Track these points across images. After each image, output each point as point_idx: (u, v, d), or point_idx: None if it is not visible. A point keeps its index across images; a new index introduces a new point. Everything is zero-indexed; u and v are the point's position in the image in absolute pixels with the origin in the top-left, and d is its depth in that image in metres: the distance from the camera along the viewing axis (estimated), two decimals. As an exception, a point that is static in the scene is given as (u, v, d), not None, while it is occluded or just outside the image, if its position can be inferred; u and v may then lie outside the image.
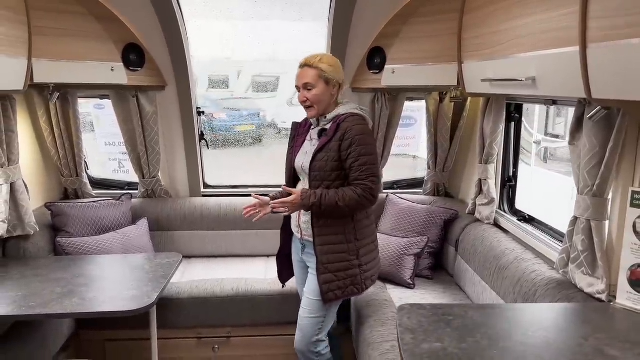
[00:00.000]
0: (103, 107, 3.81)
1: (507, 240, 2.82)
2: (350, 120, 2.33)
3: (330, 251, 2.37)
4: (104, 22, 2.98)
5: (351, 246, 2.39)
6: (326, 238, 2.37)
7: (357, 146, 2.28)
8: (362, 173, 2.29)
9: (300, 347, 2.50)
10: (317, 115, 2.42)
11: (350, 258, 2.40)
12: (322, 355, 2.52)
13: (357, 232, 2.41)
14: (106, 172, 4.05)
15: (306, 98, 2.37)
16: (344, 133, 2.30)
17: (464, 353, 1.40)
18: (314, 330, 2.46)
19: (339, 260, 2.38)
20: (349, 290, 2.41)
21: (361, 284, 2.44)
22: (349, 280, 2.40)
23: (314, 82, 2.35)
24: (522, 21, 2.01)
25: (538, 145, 5.75)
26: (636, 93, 1.44)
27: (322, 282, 2.38)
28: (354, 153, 2.28)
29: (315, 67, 2.35)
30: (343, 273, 2.39)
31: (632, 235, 1.71)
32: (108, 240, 3.19)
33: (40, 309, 2.25)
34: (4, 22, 2.46)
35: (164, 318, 2.91)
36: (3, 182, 2.79)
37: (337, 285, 2.38)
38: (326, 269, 2.37)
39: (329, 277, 2.37)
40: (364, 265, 2.43)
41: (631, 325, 1.62)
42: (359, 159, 2.28)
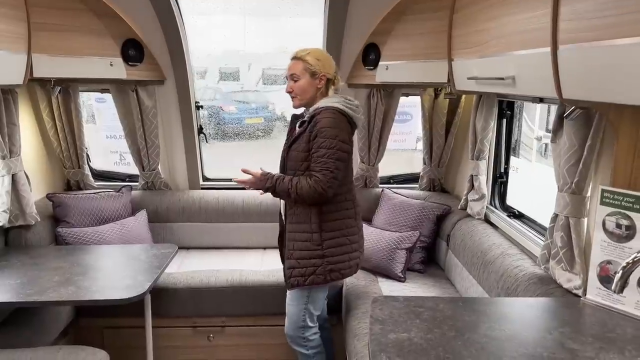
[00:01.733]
0: (104, 100, 3.89)
1: (496, 235, 2.86)
2: (322, 113, 2.38)
3: (295, 238, 2.49)
4: (103, 18, 3.04)
5: (315, 236, 2.45)
6: (294, 226, 2.49)
7: (319, 138, 2.35)
8: (316, 164, 2.36)
9: (288, 332, 2.64)
10: (299, 105, 2.52)
11: (313, 247, 2.46)
12: (310, 341, 2.62)
13: (323, 224, 2.46)
14: (108, 164, 4.13)
15: (292, 88, 2.47)
16: (313, 125, 2.37)
17: (428, 343, 1.46)
18: (299, 317, 2.58)
19: (302, 248, 2.47)
20: (310, 279, 2.47)
21: (324, 274, 2.47)
22: (311, 269, 2.47)
23: (299, 74, 2.44)
24: (502, 21, 2.04)
25: (539, 141, 5.73)
26: (602, 94, 1.47)
27: (286, 267, 2.53)
28: (316, 145, 2.36)
29: (302, 60, 2.44)
30: (305, 261, 2.47)
31: (601, 233, 1.74)
32: (107, 231, 3.28)
33: (37, 296, 2.34)
34: (3, 18, 2.54)
35: (160, 307, 3.00)
36: (5, 173, 2.89)
37: (299, 272, 2.47)
38: (291, 255, 2.50)
39: (292, 263, 2.49)
40: (328, 257, 2.47)
41: (596, 320, 1.66)
42: (318, 151, 2.35)
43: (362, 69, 3.45)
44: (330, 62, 2.51)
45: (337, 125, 2.37)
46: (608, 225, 1.73)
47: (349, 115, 2.43)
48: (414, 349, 1.43)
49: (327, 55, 2.53)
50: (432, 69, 2.93)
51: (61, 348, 2.32)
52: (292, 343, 2.66)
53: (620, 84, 1.38)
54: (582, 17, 1.49)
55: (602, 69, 1.44)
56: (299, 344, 2.64)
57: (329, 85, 2.51)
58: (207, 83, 5.99)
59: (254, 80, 6.81)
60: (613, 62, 1.39)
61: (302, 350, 2.65)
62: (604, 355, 1.41)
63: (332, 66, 2.50)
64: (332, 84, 2.51)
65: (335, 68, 2.53)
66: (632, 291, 1.66)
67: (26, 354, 2.23)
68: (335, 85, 2.53)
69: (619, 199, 1.69)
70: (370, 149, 3.68)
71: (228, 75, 6.62)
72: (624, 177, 1.71)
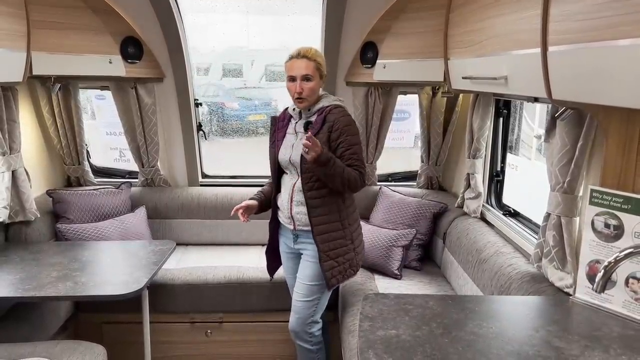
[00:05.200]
0: (104, 97, 3.93)
1: (491, 233, 2.88)
2: (336, 112, 2.41)
3: (330, 239, 2.46)
4: (102, 15, 3.07)
5: (347, 232, 2.50)
6: (324, 227, 2.45)
7: (347, 136, 2.37)
8: (355, 160, 2.38)
9: (295, 327, 2.60)
10: (308, 105, 2.45)
11: (347, 243, 2.50)
12: (315, 337, 2.62)
13: (349, 217, 2.53)
14: (108, 160, 4.16)
15: (302, 89, 2.38)
16: (331, 124, 2.37)
17: (415, 340, 1.48)
18: (308, 312, 2.56)
19: (339, 246, 2.48)
20: (347, 273, 2.53)
21: (356, 265, 2.57)
22: (347, 263, 2.51)
23: (312, 75, 2.39)
24: (495, 21, 2.06)
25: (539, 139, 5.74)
26: (591, 96, 1.49)
27: (325, 270, 2.45)
28: (345, 143, 2.37)
29: (313, 60, 2.39)
30: (342, 258, 2.49)
31: (590, 232, 1.76)
32: (106, 227, 3.31)
33: (36, 291, 2.37)
34: (3, 16, 2.57)
35: (158, 303, 3.03)
36: (5, 169, 2.92)
37: (338, 270, 2.49)
38: (328, 257, 2.45)
39: (331, 264, 2.46)
40: (357, 248, 2.56)
41: (584, 318, 1.68)
42: (350, 148, 2.38)
43: (360, 67, 3.46)
44: None
45: (354, 122, 2.46)
46: (597, 224, 1.75)
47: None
48: (401, 345, 1.45)
49: None
50: (429, 68, 2.95)
51: (59, 343, 2.34)
52: (297, 338, 2.63)
53: (608, 85, 1.40)
54: (571, 19, 1.50)
55: (591, 70, 1.45)
56: (303, 339, 2.62)
57: None
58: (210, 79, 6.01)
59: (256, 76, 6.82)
60: (601, 64, 1.40)
61: (306, 346, 2.63)
62: (589, 353, 1.43)
63: None
64: None
65: None
66: (620, 290, 1.68)
67: (25, 349, 2.26)
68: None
69: (608, 199, 1.70)
70: (368, 147, 3.70)
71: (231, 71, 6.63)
72: (613, 178, 1.72)
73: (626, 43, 1.29)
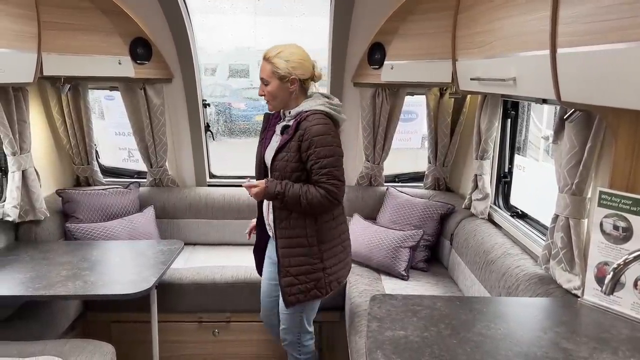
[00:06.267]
0: (113, 98, 3.95)
1: (498, 235, 2.88)
2: (310, 119, 2.23)
3: (291, 254, 2.32)
4: (112, 17, 3.09)
5: (314, 249, 2.32)
6: (287, 241, 2.32)
7: (316, 147, 2.19)
8: (322, 176, 2.22)
9: (286, 336, 2.57)
10: (274, 109, 2.39)
11: (313, 261, 2.33)
12: (305, 347, 2.58)
13: (321, 235, 2.33)
14: (117, 160, 4.19)
15: (263, 92, 2.32)
16: (303, 133, 2.21)
17: (424, 341, 1.48)
18: (295, 324, 2.51)
19: (301, 263, 2.32)
20: (312, 294, 2.35)
21: (325, 287, 2.37)
22: (311, 283, 2.34)
23: (268, 78, 2.28)
24: (504, 22, 2.06)
25: (547, 140, 5.73)
26: (600, 98, 1.49)
27: (284, 285, 2.33)
28: (313, 155, 2.21)
29: (270, 62, 2.27)
30: (305, 277, 2.33)
31: (599, 234, 1.76)
32: (115, 227, 3.34)
33: (45, 290, 2.40)
34: (14, 18, 2.59)
35: (166, 302, 3.05)
36: (15, 169, 2.95)
37: (299, 288, 2.33)
38: (288, 272, 2.32)
39: (290, 281, 2.32)
40: (328, 269, 2.36)
41: (592, 320, 1.68)
42: (319, 162, 2.21)
43: (367, 68, 3.47)
44: (304, 62, 2.30)
45: (330, 130, 2.25)
46: (605, 226, 1.74)
47: (333, 117, 2.31)
48: (409, 346, 1.46)
49: (301, 55, 2.31)
50: (437, 69, 2.95)
51: (69, 341, 2.36)
52: (287, 347, 2.60)
53: (617, 87, 1.40)
54: (580, 22, 1.51)
55: (600, 72, 1.45)
56: (293, 349, 2.58)
57: (306, 84, 2.34)
58: (217, 80, 6.03)
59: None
60: (610, 66, 1.40)
61: (295, 355, 2.60)
62: (598, 355, 1.43)
63: (304, 66, 2.30)
64: (310, 82, 2.36)
65: (311, 66, 2.33)
66: (629, 292, 1.68)
67: (35, 347, 2.28)
68: (315, 81, 2.38)
69: (617, 201, 1.70)
70: (375, 148, 3.71)
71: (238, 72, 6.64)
72: (622, 180, 1.72)
73: (634, 45, 1.29)
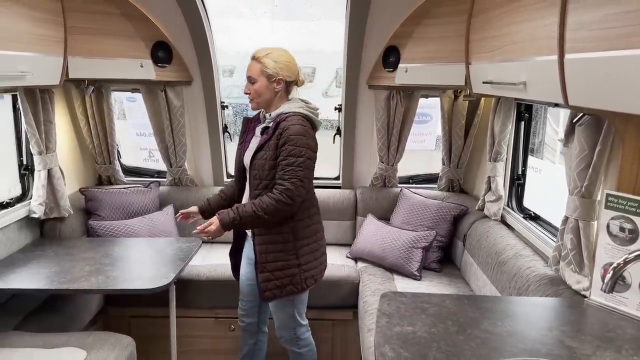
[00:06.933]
0: (135, 100, 4.05)
1: (511, 236, 2.91)
2: (289, 120, 2.31)
3: (267, 250, 2.40)
4: (134, 21, 3.19)
5: (289, 245, 2.40)
6: (264, 237, 2.40)
7: (288, 145, 2.26)
8: (285, 173, 2.28)
9: (281, 333, 2.63)
10: (256, 108, 2.45)
11: (289, 257, 2.40)
12: (302, 340, 2.64)
13: (297, 232, 2.41)
14: (138, 160, 4.30)
15: (248, 90, 2.40)
16: (281, 131, 2.29)
17: (431, 336, 1.54)
18: (288, 319, 2.58)
19: (277, 259, 2.40)
20: (287, 290, 2.43)
21: (301, 283, 2.44)
22: (287, 279, 2.41)
23: (255, 77, 2.36)
24: (516, 27, 2.10)
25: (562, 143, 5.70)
26: (606, 103, 1.53)
27: (260, 281, 2.42)
28: (284, 152, 2.28)
29: (259, 62, 2.35)
30: (280, 272, 2.40)
31: (605, 236, 1.79)
32: (136, 225, 3.44)
33: (69, 284, 2.50)
34: (42, 23, 2.70)
35: (184, 298, 3.14)
36: (41, 168, 3.06)
37: (275, 284, 2.41)
38: (264, 268, 2.40)
39: (266, 276, 2.40)
40: (303, 265, 2.44)
41: (598, 320, 1.71)
42: (287, 159, 2.28)
43: (382, 71, 3.52)
44: (290, 64, 2.41)
45: (307, 132, 2.32)
46: (612, 228, 1.78)
47: (311, 120, 2.40)
48: (417, 341, 1.51)
49: (288, 57, 2.42)
50: (450, 72, 2.98)
51: (91, 334, 2.46)
52: (285, 343, 2.66)
53: (624, 93, 1.44)
54: (587, 28, 1.54)
55: (606, 78, 1.49)
56: (291, 344, 2.64)
57: (290, 87, 2.45)
58: (234, 81, 6.11)
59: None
60: (617, 71, 1.44)
61: (295, 349, 2.66)
62: (601, 353, 1.47)
63: (291, 69, 2.41)
64: (293, 86, 2.46)
65: (297, 70, 2.44)
66: (635, 293, 1.71)
67: (59, 338, 2.38)
68: (299, 86, 2.48)
69: (623, 203, 1.73)
70: (390, 149, 3.75)
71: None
72: (629, 182, 1.75)
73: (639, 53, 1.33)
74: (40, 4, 2.67)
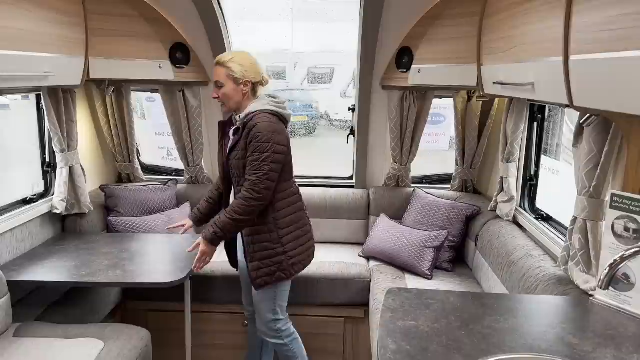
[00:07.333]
0: (154, 100, 4.15)
1: (522, 237, 2.91)
2: (255, 119, 2.41)
3: (255, 241, 2.54)
4: (153, 23, 3.28)
5: (273, 235, 2.53)
6: (251, 229, 2.53)
7: (254, 142, 2.38)
8: (251, 169, 2.40)
9: (261, 327, 2.74)
10: (229, 110, 2.59)
11: (274, 246, 2.54)
12: (283, 331, 2.74)
13: (279, 222, 2.54)
14: (156, 159, 4.41)
15: (217, 95, 2.51)
16: (249, 131, 2.40)
17: (433, 331, 1.57)
18: (268, 312, 2.69)
19: (263, 249, 2.54)
20: (277, 276, 2.57)
21: (288, 269, 2.59)
22: (275, 266, 2.55)
23: (223, 81, 2.47)
24: (525, 29, 2.12)
25: (581, 144, 5.65)
26: (610, 104, 1.54)
27: (250, 270, 2.57)
28: (250, 149, 2.39)
29: (224, 66, 2.46)
30: (269, 260, 2.54)
31: (610, 235, 1.80)
32: (153, 221, 3.53)
33: (89, 277, 2.60)
34: (64, 25, 2.81)
35: (199, 293, 3.21)
36: (63, 165, 3.17)
37: (265, 272, 2.55)
38: (253, 258, 2.55)
39: (257, 265, 2.55)
40: (289, 252, 2.58)
41: (601, 318, 1.73)
42: (252, 155, 2.39)
43: (395, 72, 3.56)
44: (254, 66, 2.52)
45: (272, 128, 2.41)
46: (617, 228, 1.79)
47: (279, 114, 2.50)
48: (419, 335, 1.55)
49: (252, 60, 2.53)
50: (463, 73, 3.01)
51: (108, 325, 2.55)
52: (267, 337, 2.75)
53: (628, 94, 1.45)
54: (591, 30, 1.57)
55: (610, 79, 1.51)
56: (273, 337, 2.74)
57: (256, 88, 2.55)
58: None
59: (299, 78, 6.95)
60: (621, 73, 1.46)
61: (278, 341, 2.75)
62: (601, 350, 1.49)
63: (256, 70, 2.52)
64: (259, 86, 2.56)
65: (260, 71, 2.55)
66: (639, 293, 1.72)
67: (78, 329, 2.48)
68: (264, 85, 2.58)
69: (628, 203, 1.74)
70: (403, 149, 3.78)
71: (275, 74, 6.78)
72: (635, 183, 1.76)
73: (641, 54, 1.35)
74: (62, 7, 2.78)
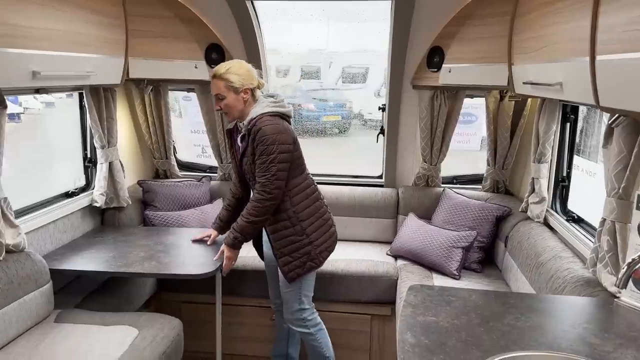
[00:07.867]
0: (190, 99, 4.28)
1: (552, 238, 2.88)
2: (258, 123, 2.49)
3: (280, 237, 2.63)
4: (189, 25, 3.39)
5: (297, 228, 2.63)
6: (275, 226, 2.63)
7: (260, 146, 2.47)
8: (260, 171, 2.50)
9: (288, 316, 2.84)
10: (233, 119, 2.67)
11: (300, 238, 2.64)
12: (309, 320, 2.82)
13: (299, 214, 2.63)
14: (192, 156, 4.54)
15: (219, 107, 2.60)
16: (253, 137, 2.49)
17: (453, 327, 1.60)
18: (295, 301, 2.78)
19: (290, 242, 2.63)
20: (307, 266, 2.67)
21: (317, 257, 2.69)
22: (305, 257, 2.65)
23: (223, 93, 2.55)
24: (555, 29, 2.12)
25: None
26: (634, 104, 1.54)
27: (282, 265, 2.66)
28: (258, 153, 2.49)
29: (222, 79, 2.54)
30: (297, 253, 2.64)
31: (637, 237, 1.79)
32: (188, 216, 3.65)
33: (125, 268, 2.72)
34: (106, 27, 2.94)
35: (230, 286, 3.30)
36: (103, 161, 3.32)
37: (295, 264, 2.65)
38: (282, 253, 2.64)
39: (286, 260, 2.64)
40: (314, 241, 2.68)
41: (625, 320, 1.71)
42: (260, 158, 2.49)
43: (426, 71, 3.57)
44: (250, 73, 2.60)
45: (275, 129, 2.49)
46: (643, 229, 1.77)
47: (280, 113, 2.57)
48: (438, 330, 1.58)
49: (247, 67, 2.61)
50: (494, 73, 3.00)
51: (143, 314, 2.67)
52: (293, 325, 2.84)
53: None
54: (617, 30, 1.56)
55: (635, 79, 1.50)
56: (299, 325, 2.82)
57: (255, 92, 2.62)
58: (289, 81, 6.29)
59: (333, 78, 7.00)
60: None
61: (304, 330, 2.83)
62: (622, 351, 1.49)
63: (252, 76, 2.60)
64: (257, 91, 2.63)
65: (256, 75, 2.63)
66: (665, 295, 1.70)
67: (114, 317, 2.60)
68: (261, 88, 2.65)
69: (655, 205, 1.73)
70: (433, 149, 3.79)
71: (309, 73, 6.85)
72: (663, 184, 1.74)
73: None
74: (104, 9, 2.91)
